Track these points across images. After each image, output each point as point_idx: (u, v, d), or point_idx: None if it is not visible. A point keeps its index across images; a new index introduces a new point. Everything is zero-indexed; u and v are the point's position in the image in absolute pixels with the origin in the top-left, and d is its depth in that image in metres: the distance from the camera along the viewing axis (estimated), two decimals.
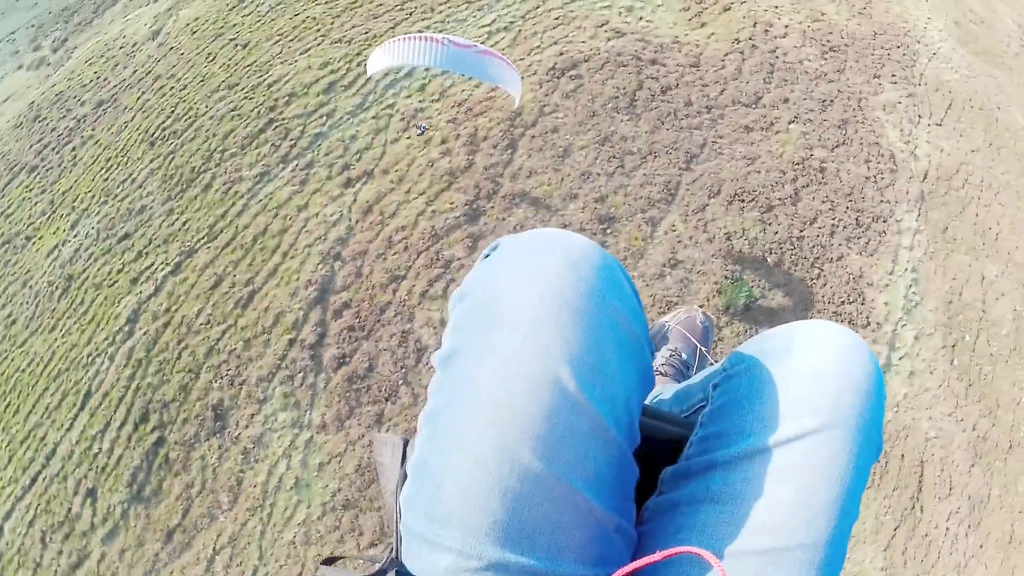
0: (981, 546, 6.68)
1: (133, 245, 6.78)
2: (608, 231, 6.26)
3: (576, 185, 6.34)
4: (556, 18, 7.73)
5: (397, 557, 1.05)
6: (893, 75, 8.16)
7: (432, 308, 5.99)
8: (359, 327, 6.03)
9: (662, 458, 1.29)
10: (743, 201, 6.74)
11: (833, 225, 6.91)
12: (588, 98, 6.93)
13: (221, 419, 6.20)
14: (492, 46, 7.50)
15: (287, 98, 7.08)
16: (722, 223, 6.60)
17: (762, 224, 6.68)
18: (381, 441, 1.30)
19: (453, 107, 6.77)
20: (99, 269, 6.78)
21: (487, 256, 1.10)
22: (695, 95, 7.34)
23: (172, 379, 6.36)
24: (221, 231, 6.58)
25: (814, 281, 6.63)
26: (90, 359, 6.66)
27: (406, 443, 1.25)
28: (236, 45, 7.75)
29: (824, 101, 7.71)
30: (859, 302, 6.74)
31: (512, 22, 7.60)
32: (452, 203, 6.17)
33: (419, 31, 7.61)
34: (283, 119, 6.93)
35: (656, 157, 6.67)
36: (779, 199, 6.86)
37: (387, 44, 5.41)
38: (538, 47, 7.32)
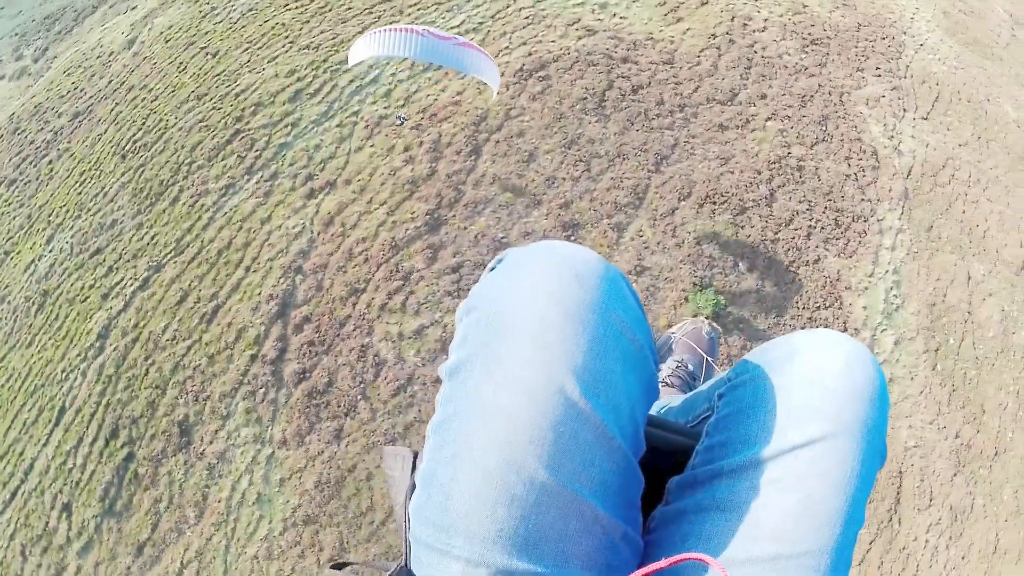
0: (963, 557, 6.39)
1: (104, 260, 6.72)
2: (572, 238, 6.03)
3: (540, 191, 6.12)
4: (526, 17, 7.49)
5: (406, 565, 1.05)
6: (877, 68, 7.78)
7: (391, 321, 5.83)
8: (319, 341, 5.89)
9: (669, 468, 1.28)
10: (715, 203, 6.46)
11: (810, 226, 6.60)
12: (556, 100, 6.69)
13: (187, 435, 6.12)
14: None
15: (254, 108, 6.94)
16: (692, 227, 6.33)
17: (734, 227, 6.39)
18: (391, 454, 1.27)
19: (418, 113, 6.57)
20: (72, 284, 6.73)
21: (493, 269, 1.08)
22: (668, 94, 7.05)
23: (140, 395, 6.29)
24: (188, 245, 6.49)
25: (788, 286, 6.34)
26: (64, 375, 6.62)
27: (416, 455, 1.22)
28: (207, 54, 7.62)
29: (804, 96, 7.36)
30: (836, 307, 6.43)
31: (481, 23, 7.37)
32: (413, 213, 5.99)
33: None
34: (249, 129, 6.79)
35: (624, 159, 6.41)
36: (753, 200, 6.56)
37: (369, 34, 5.39)
38: (507, 48, 7.09)
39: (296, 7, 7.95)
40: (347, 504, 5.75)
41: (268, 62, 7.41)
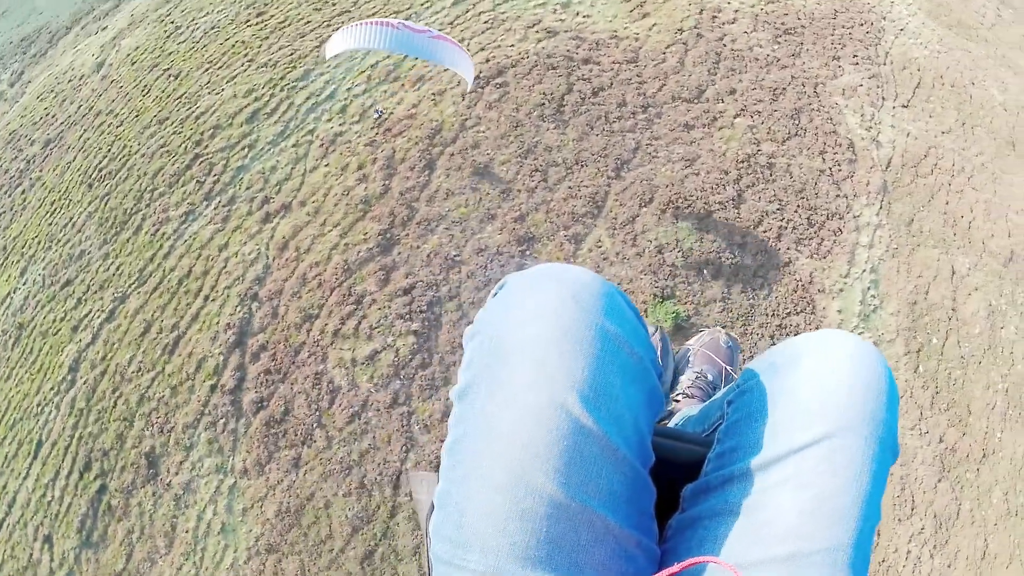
0: (949, 566, 6.04)
1: (74, 292, 6.68)
2: (527, 253, 5.79)
3: (495, 204, 5.89)
4: (485, 21, 7.22)
5: None
6: (855, 55, 7.33)
7: (344, 347, 5.67)
8: (275, 370, 5.76)
9: (684, 477, 1.29)
10: (678, 208, 6.13)
11: (781, 227, 6.23)
12: (513, 107, 6.43)
13: (154, 466, 6.07)
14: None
15: (212, 131, 6.80)
16: (653, 235, 6.02)
17: (699, 233, 6.07)
18: (416, 478, 1.33)
19: (372, 128, 6.36)
20: (45, 317, 6.72)
21: (495, 295, 1.11)
22: (630, 94, 6.72)
23: (109, 427, 6.25)
24: (150, 275, 6.41)
25: (756, 292, 6.02)
26: (40, 408, 6.61)
27: None
28: (169, 76, 7.50)
29: (775, 90, 6.96)
30: (808, 311, 6.07)
31: (440, 30, 7.11)
32: (366, 233, 5.82)
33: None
34: (208, 153, 6.67)
35: (583, 167, 6.13)
36: (719, 203, 6.23)
37: (345, 28, 5.39)
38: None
39: (257, 23, 7.78)
40: (307, 532, 5.64)
41: (227, 82, 7.26)
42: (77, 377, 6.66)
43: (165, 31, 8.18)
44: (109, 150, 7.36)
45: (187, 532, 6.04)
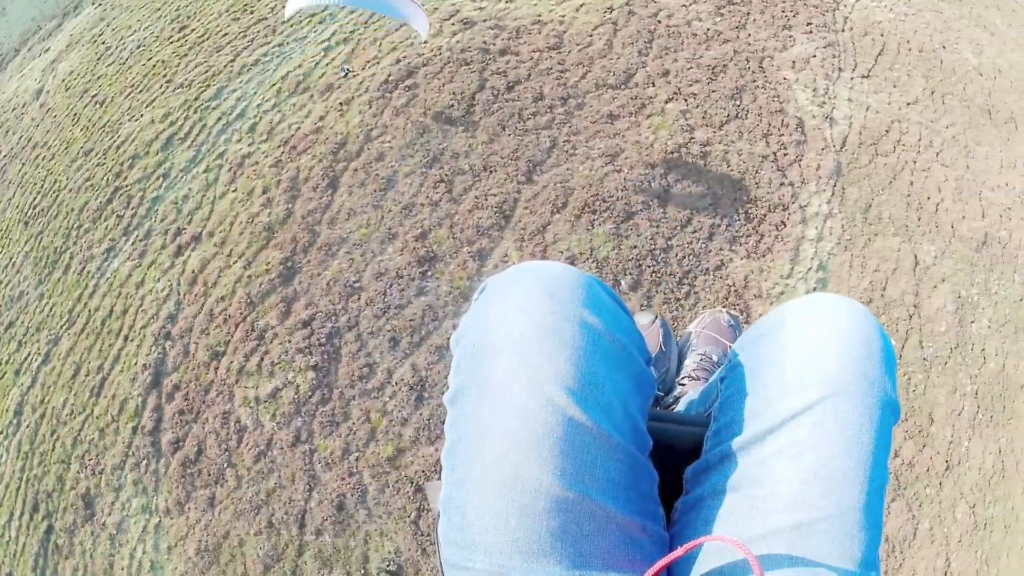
0: None
1: (15, 334, 6.74)
2: (428, 274, 5.47)
3: (397, 222, 5.57)
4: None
5: None
6: (808, 23, 6.56)
7: (248, 385, 5.51)
8: (188, 410, 5.68)
9: (687, 459, 1.28)
10: (595, 212, 5.65)
11: (713, 225, 5.65)
12: (420, 111, 6.04)
13: (90, 507, 6.12)
14: (329, 63, 6.70)
15: (131, 160, 6.68)
16: (566, 244, 5.57)
17: (617, 239, 5.58)
18: (431, 488, 1.31)
19: (279, 147, 6.12)
20: None
21: (477, 299, 1.14)
22: (549, 86, 6.21)
23: (51, 470, 6.33)
24: (78, 316, 6.40)
25: (681, 302, 5.51)
26: None
27: None
28: (96, 102, 7.40)
29: (714, 68, 6.28)
30: (741, 319, 5.46)
31: (353, 31, 6.76)
32: (268, 263, 5.60)
33: (260, 56, 6.92)
34: (127, 185, 6.56)
35: (491, 173, 5.72)
36: (643, 202, 5.71)
37: None
38: (375, 58, 6.46)
39: (178, 39, 7.56)
40: (225, 570, 5.61)
41: (146, 107, 7.09)
42: (21, 420, 6.74)
43: (96, 53, 8.05)
44: (42, 185, 7.33)
45: (123, 570, 6.08)
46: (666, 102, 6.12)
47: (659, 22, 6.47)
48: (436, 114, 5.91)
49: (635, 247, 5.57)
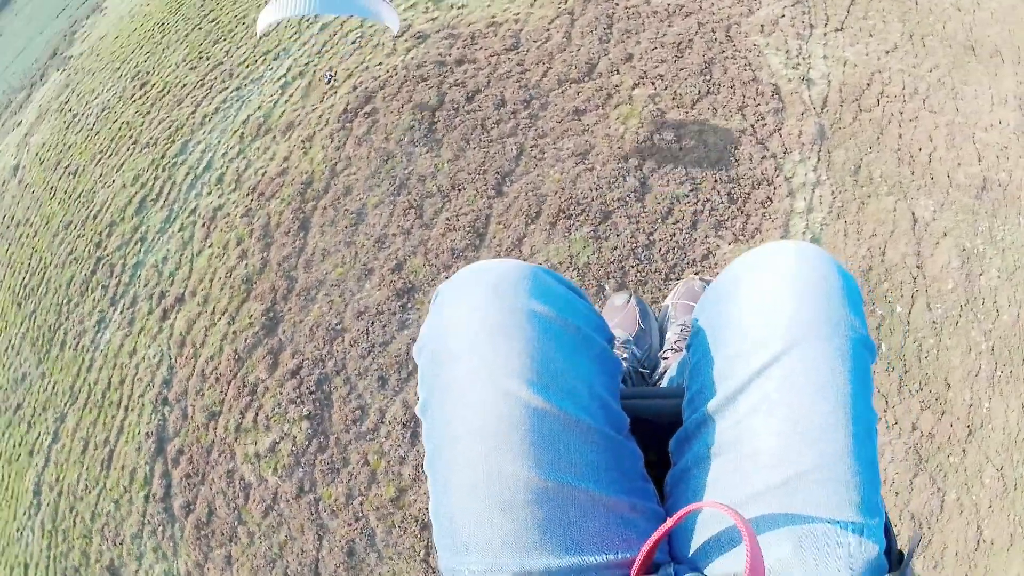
0: (935, 566, 5.33)
1: (24, 415, 6.97)
2: (408, 306, 5.49)
3: (371, 257, 5.61)
4: (353, 42, 6.82)
5: None
6: None
7: (247, 441, 5.63)
8: (194, 472, 5.82)
9: (672, 433, 1.29)
10: (570, 217, 5.60)
11: (696, 212, 5.55)
12: (383, 138, 6.06)
13: None
14: (287, 100, 6.75)
15: (109, 228, 6.84)
16: (543, 255, 5.53)
17: (596, 242, 5.52)
18: None
19: (248, 195, 6.20)
20: (5, 444, 7.13)
21: (432, 306, 1.16)
22: (511, 89, 6.16)
23: (75, 545, 6.55)
24: (80, 391, 6.59)
25: None
26: (19, 533, 7.00)
27: None
28: (69, 173, 7.59)
29: (679, 45, 6.16)
30: None
31: (308, 63, 6.81)
32: (251, 316, 5.69)
33: (219, 103, 7.00)
34: (108, 254, 6.73)
35: (460, 191, 5.72)
36: (619, 199, 5.65)
37: (269, 5, 5.57)
38: (332, 88, 6.46)
39: (140, 97, 7.70)
40: None
41: (117, 171, 7.25)
42: (41, 500, 6.97)
43: (64, 122, 8.24)
44: (29, 264, 7.54)
45: None
46: (633, 88, 6.03)
47: (617, 4, 6.38)
48: (398, 138, 5.92)
49: (616, 248, 5.51)
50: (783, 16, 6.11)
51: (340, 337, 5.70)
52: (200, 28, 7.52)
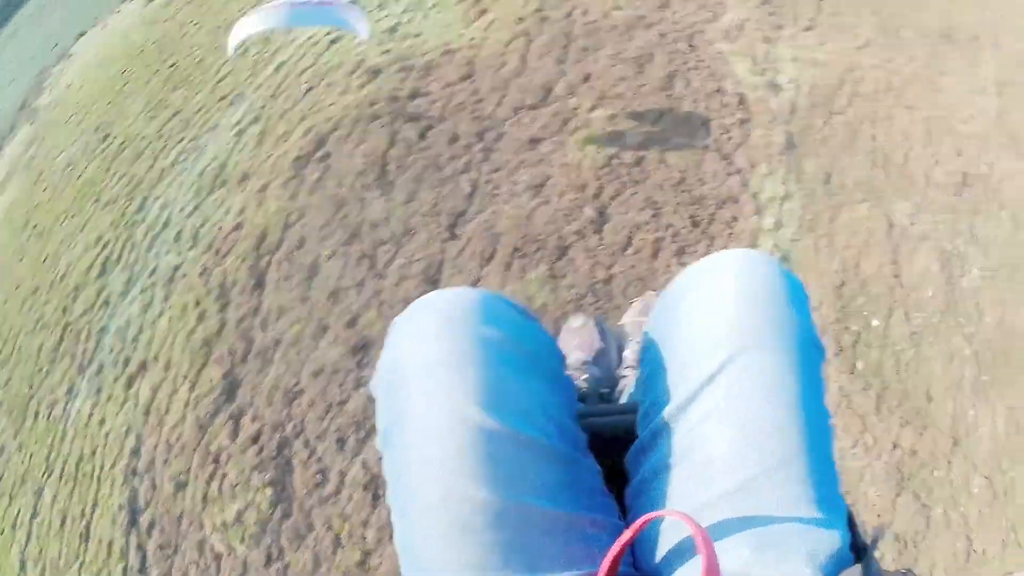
0: None
1: (5, 489, 7.04)
2: (364, 363, 5.41)
3: (326, 312, 5.54)
4: (306, 81, 6.70)
5: None
6: None
7: (215, 511, 5.62)
8: (167, 544, 5.83)
9: (628, 447, 1.34)
10: (525, 256, 5.45)
11: (657, 240, 5.35)
12: (335, 184, 5.99)
13: None
14: (242, 148, 6.71)
15: (74, 293, 6.90)
16: None
17: (552, 280, 5.36)
18: None
19: (205, 252, 6.17)
20: None
21: (387, 340, 1.22)
22: (464, 122, 6.03)
23: None
24: (55, 463, 6.64)
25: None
26: None
27: None
28: (36, 234, 7.68)
29: (640, 59, 5.97)
30: None
31: (263, 107, 6.75)
32: (212, 381, 5.68)
33: (176, 155, 6.99)
34: (74, 320, 6.78)
35: (413, 236, 5.62)
36: (576, 232, 5.49)
37: (239, 23, 5.61)
38: (285, 133, 6.41)
39: (102, 151, 7.76)
40: None
41: (80, 232, 7.29)
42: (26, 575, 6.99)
43: (32, 179, 8.33)
44: (0, 332, 7.59)
45: None
46: (591, 111, 5.86)
47: (574, 21, 6.21)
48: (351, 183, 5.83)
49: (573, 286, 5.34)
50: (748, 20, 5.88)
51: (298, 399, 5.63)
52: (159, 74, 7.50)
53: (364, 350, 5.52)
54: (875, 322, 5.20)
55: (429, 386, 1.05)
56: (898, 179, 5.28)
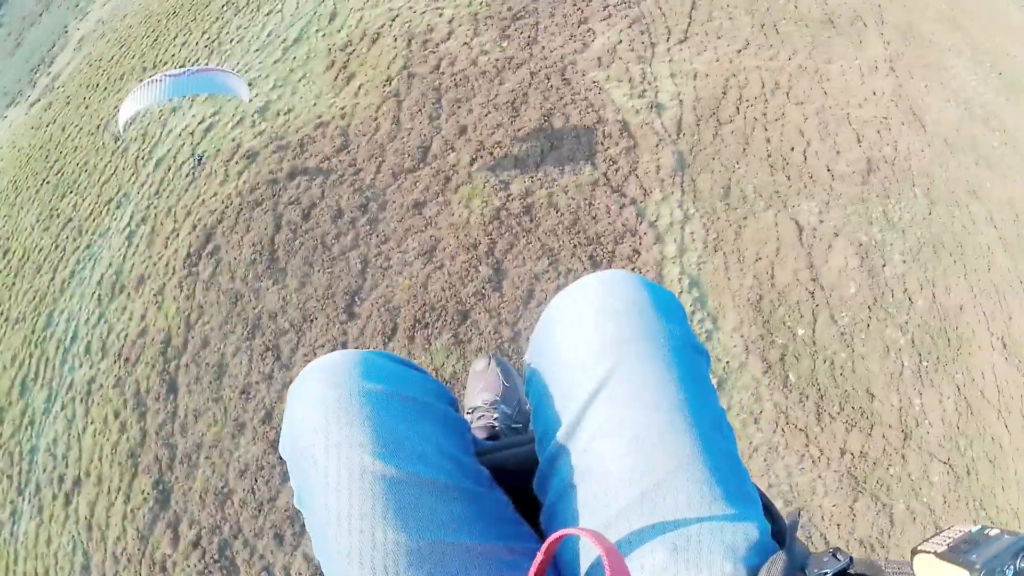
0: None
1: None
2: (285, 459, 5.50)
3: (240, 410, 5.66)
4: (187, 175, 6.77)
5: None
6: (604, 6, 6.23)
7: None
8: None
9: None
10: (427, 326, 5.60)
11: (559, 287, 5.49)
12: (228, 277, 6.07)
13: None
14: (134, 251, 6.77)
15: (0, 414, 6.91)
16: None
17: (459, 346, 5.52)
18: None
19: (115, 362, 6.25)
20: None
21: (286, 409, 1.29)
22: (345, 196, 6.12)
23: None
24: None
25: None
26: None
27: None
28: None
29: (514, 103, 6.06)
30: None
31: (148, 205, 6.80)
32: (144, 491, 5.81)
33: (74, 265, 7.03)
34: (5, 443, 6.88)
35: (313, 322, 5.73)
36: (475, 292, 5.63)
37: (126, 100, 6.07)
38: (174, 231, 6.47)
39: (3, 268, 7.73)
40: None
41: None
42: None
43: None
44: None
45: None
46: (471, 164, 5.96)
47: (443, 73, 6.26)
48: (243, 275, 5.91)
49: (480, 349, 5.50)
50: (620, 42, 5.95)
51: (229, 500, 5.77)
52: (48, 182, 7.50)
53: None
54: (800, 331, 5.34)
55: (325, 444, 1.10)
56: (800, 179, 5.36)
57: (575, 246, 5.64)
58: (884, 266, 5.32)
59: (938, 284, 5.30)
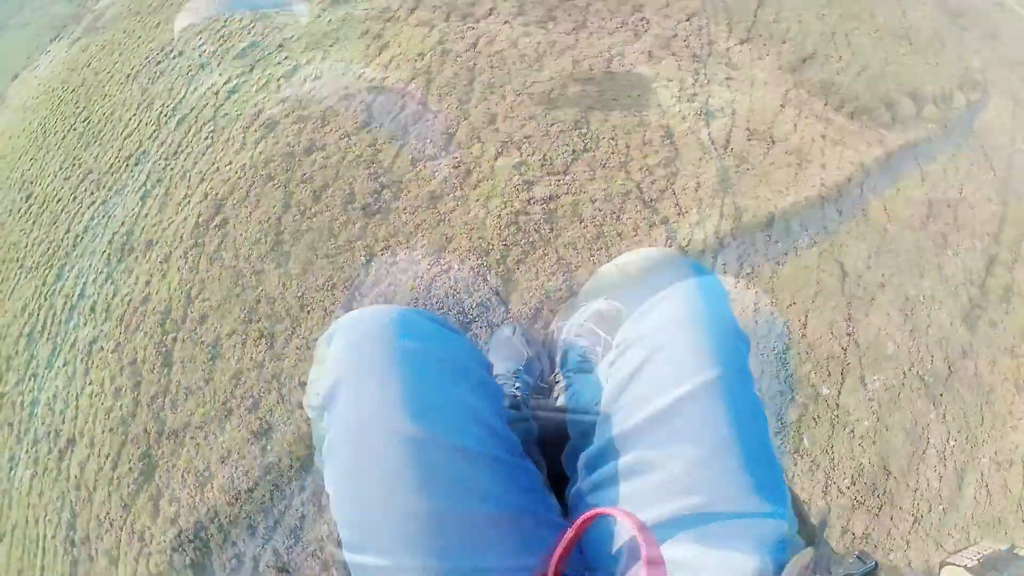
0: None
1: None
2: (268, 449, 5.48)
3: (228, 395, 5.60)
4: (206, 136, 6.68)
5: None
6: None
7: None
8: None
9: (580, 448, 1.42)
10: None
11: (569, 305, 5.19)
12: (232, 255, 5.97)
13: None
14: (146, 213, 6.70)
15: (7, 363, 7.10)
16: None
17: None
18: None
19: (116, 326, 6.23)
20: None
21: (315, 362, 1.30)
22: (360, 179, 5.91)
23: None
24: (4, 533, 6.90)
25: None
26: None
27: None
28: None
29: (549, 93, 5.71)
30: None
31: (166, 165, 6.69)
32: (131, 461, 5.87)
33: (88, 220, 7.02)
34: (9, 391, 7.02)
35: (309, 313, 5.59)
36: (479, 304, 5.45)
37: (185, 7, 6.42)
38: (186, 197, 6.36)
39: (24, 212, 7.83)
40: None
41: (8, 299, 7.39)
42: None
43: None
44: None
45: None
46: (495, 158, 5.66)
47: (479, 52, 5.93)
48: (247, 254, 5.79)
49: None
50: (675, 35, 5.51)
51: (209, 483, 5.72)
52: (74, 129, 7.47)
53: (266, 435, 5.56)
54: (824, 390, 4.84)
55: (357, 402, 1.09)
56: (853, 215, 4.88)
57: (594, 264, 5.30)
58: (928, 327, 4.83)
59: (982, 355, 4.81)
